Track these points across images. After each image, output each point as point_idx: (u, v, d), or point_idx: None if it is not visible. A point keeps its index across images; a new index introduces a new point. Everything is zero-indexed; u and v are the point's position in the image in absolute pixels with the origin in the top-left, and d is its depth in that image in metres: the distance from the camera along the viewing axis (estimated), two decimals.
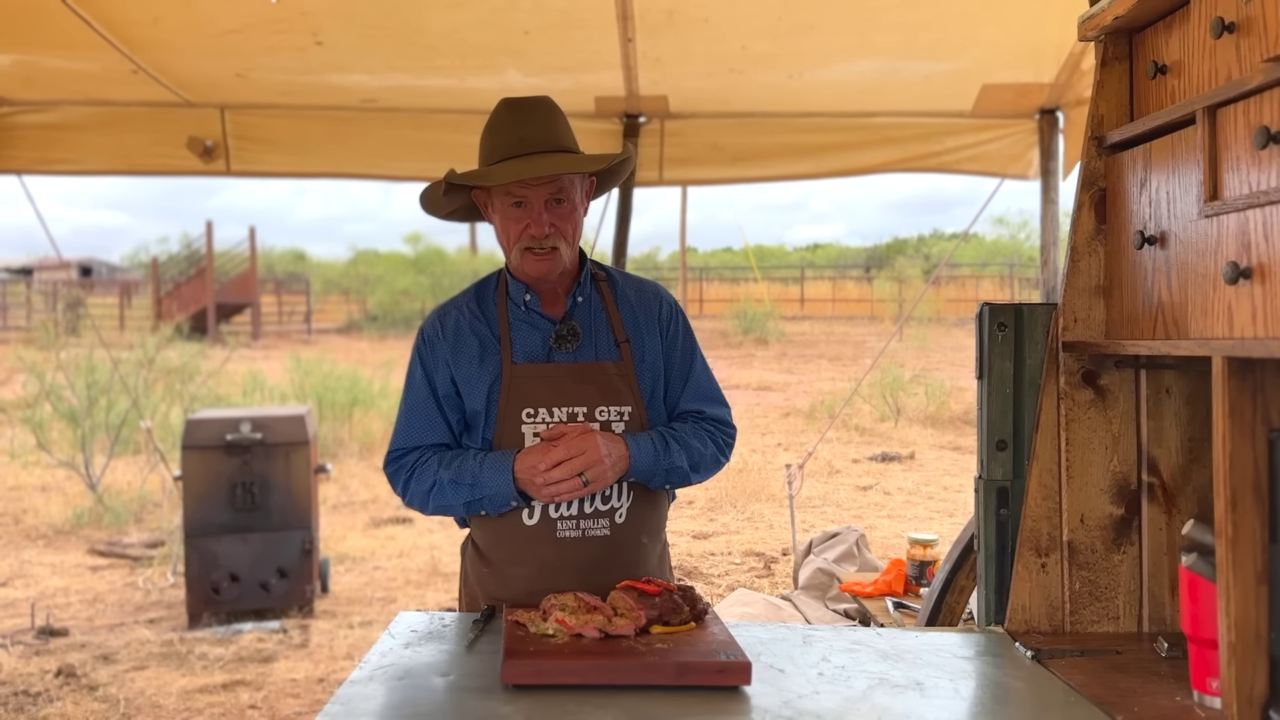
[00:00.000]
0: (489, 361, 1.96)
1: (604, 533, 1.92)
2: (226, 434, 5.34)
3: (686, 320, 2.09)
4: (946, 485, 9.28)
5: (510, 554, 1.95)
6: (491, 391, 1.94)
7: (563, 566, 1.89)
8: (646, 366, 1.99)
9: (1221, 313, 1.38)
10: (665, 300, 2.07)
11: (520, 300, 1.98)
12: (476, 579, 2.02)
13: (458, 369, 1.97)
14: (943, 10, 3.38)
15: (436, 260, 30.15)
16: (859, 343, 21.68)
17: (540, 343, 1.97)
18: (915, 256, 32.22)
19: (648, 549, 2.00)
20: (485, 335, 1.98)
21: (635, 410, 1.95)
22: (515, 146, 1.89)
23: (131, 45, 3.62)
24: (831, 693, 1.47)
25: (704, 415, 2.04)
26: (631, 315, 2.02)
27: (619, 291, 2.04)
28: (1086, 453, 1.77)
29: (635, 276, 2.12)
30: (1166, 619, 1.76)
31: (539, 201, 1.89)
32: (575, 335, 1.96)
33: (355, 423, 11.90)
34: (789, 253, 41.72)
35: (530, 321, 1.98)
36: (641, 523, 1.98)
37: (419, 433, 1.99)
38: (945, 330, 21.73)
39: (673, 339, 2.04)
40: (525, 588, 1.87)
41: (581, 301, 2.00)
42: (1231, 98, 1.36)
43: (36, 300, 27.77)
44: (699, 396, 2.05)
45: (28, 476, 9.74)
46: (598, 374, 1.95)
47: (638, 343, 2.00)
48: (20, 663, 4.77)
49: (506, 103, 1.97)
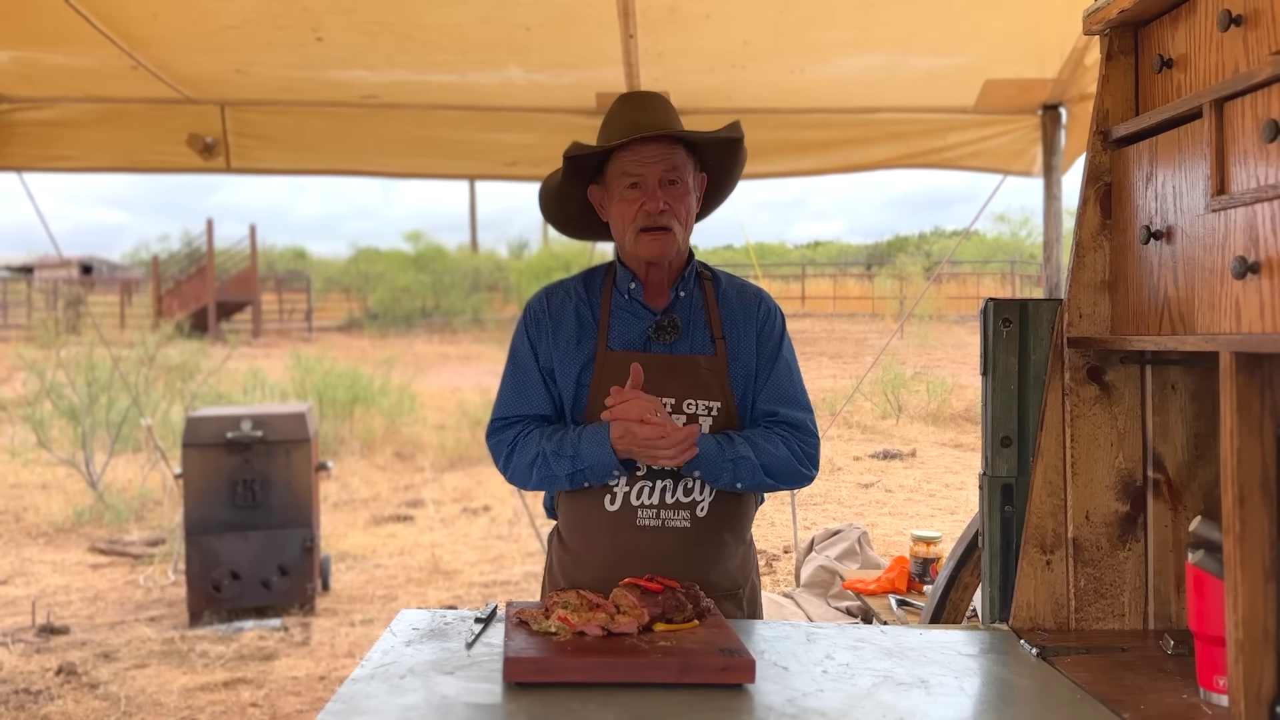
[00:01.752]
0: (585, 344, 1.98)
1: (684, 524, 1.93)
2: (227, 432, 5.34)
3: (784, 323, 2.10)
4: (948, 482, 9.27)
5: (589, 540, 1.97)
6: (583, 374, 1.97)
7: (639, 555, 1.90)
8: (740, 364, 2.00)
9: (1229, 308, 1.37)
10: (766, 302, 2.09)
11: (625, 289, 2.01)
12: (559, 565, 2.04)
13: (556, 346, 2.00)
14: (945, 5, 3.37)
15: (437, 258, 30.14)
16: (860, 340, 21.65)
17: (639, 332, 1.99)
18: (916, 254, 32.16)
19: (730, 548, 2.00)
20: (586, 318, 2.01)
21: (724, 406, 1.96)
22: (631, 130, 1.92)
23: (131, 41, 3.61)
24: (836, 690, 1.46)
25: (778, 417, 2.02)
26: (730, 314, 2.03)
27: (721, 290, 2.06)
28: (1092, 449, 1.76)
29: (740, 279, 2.14)
30: (1172, 616, 1.75)
31: (653, 180, 1.93)
32: (674, 327, 1.98)
33: (356, 420, 11.90)
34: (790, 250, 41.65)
35: (632, 311, 2.01)
36: (724, 520, 1.97)
37: (523, 402, 2.01)
38: (947, 327, 21.70)
39: (766, 338, 2.04)
40: (602, 574, 1.87)
41: (684, 296, 2.02)
42: (1239, 91, 1.35)
43: (37, 298, 27.77)
44: (776, 397, 2.03)
45: (28, 474, 9.74)
46: (689, 367, 1.96)
47: (734, 341, 2.01)
48: (21, 661, 4.77)
49: (624, 96, 2.03)
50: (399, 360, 16.06)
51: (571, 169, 1.99)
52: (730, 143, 2.01)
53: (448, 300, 27.70)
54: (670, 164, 1.94)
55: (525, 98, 4.15)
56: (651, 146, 1.93)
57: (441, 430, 12.00)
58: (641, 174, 1.93)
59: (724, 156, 2.05)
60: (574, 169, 1.99)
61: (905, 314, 20.82)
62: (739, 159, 2.07)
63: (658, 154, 1.93)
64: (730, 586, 1.99)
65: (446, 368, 18.09)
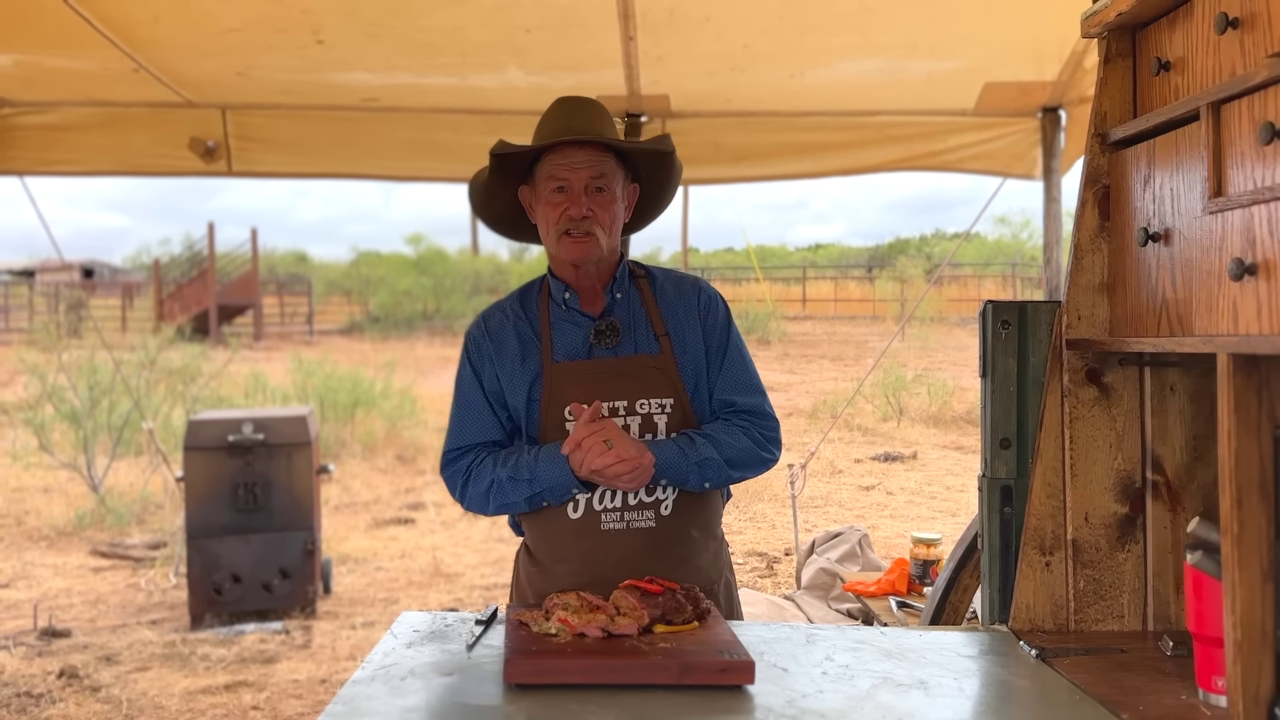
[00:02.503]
0: (530, 360, 1.98)
1: (649, 524, 1.92)
2: (228, 435, 5.34)
3: (727, 309, 2.09)
4: (949, 485, 9.27)
5: (556, 550, 1.96)
6: (533, 390, 1.97)
7: (607, 559, 1.90)
8: (689, 358, 2.00)
9: (1226, 309, 1.38)
10: (704, 290, 2.08)
11: (560, 299, 2.01)
12: (527, 579, 2.03)
13: (501, 368, 2.00)
14: (945, 9, 3.38)
15: (438, 261, 30.17)
16: (861, 342, 21.66)
17: (581, 340, 1.99)
18: (917, 256, 32.20)
19: (699, 544, 1.99)
20: (527, 335, 2.01)
21: (678, 402, 1.96)
22: (561, 133, 1.93)
23: (132, 44, 3.62)
24: (835, 692, 1.46)
25: (735, 406, 2.02)
26: (671, 308, 2.03)
27: (658, 287, 2.06)
28: (1090, 451, 1.77)
29: (675, 271, 2.14)
30: (1171, 617, 1.76)
31: (579, 185, 1.93)
32: (615, 331, 1.98)
33: (357, 424, 11.91)
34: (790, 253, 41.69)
35: (571, 320, 2.01)
36: (690, 516, 1.97)
37: (473, 431, 2.02)
38: (947, 330, 21.71)
39: (711, 327, 2.04)
40: (571, 582, 1.87)
41: (620, 298, 2.02)
42: (1236, 93, 1.35)
43: (38, 302, 27.78)
44: (731, 385, 2.04)
45: (30, 478, 9.75)
46: (637, 368, 1.96)
47: (678, 335, 2.01)
48: (23, 664, 4.77)
49: (559, 100, 2.03)
50: (400, 363, 16.07)
51: (501, 167, 1.98)
52: (662, 156, 2.01)
53: (449, 303, 27.73)
54: (597, 171, 1.94)
55: (526, 100, 4.15)
56: (580, 152, 1.92)
57: (442, 433, 11.95)
58: (568, 179, 1.93)
59: (657, 169, 2.05)
60: (504, 168, 1.99)
61: (906, 316, 20.85)
62: (672, 173, 2.07)
63: (585, 160, 1.93)
64: (704, 583, 1.97)
65: (447, 371, 18.00)
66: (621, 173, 2.00)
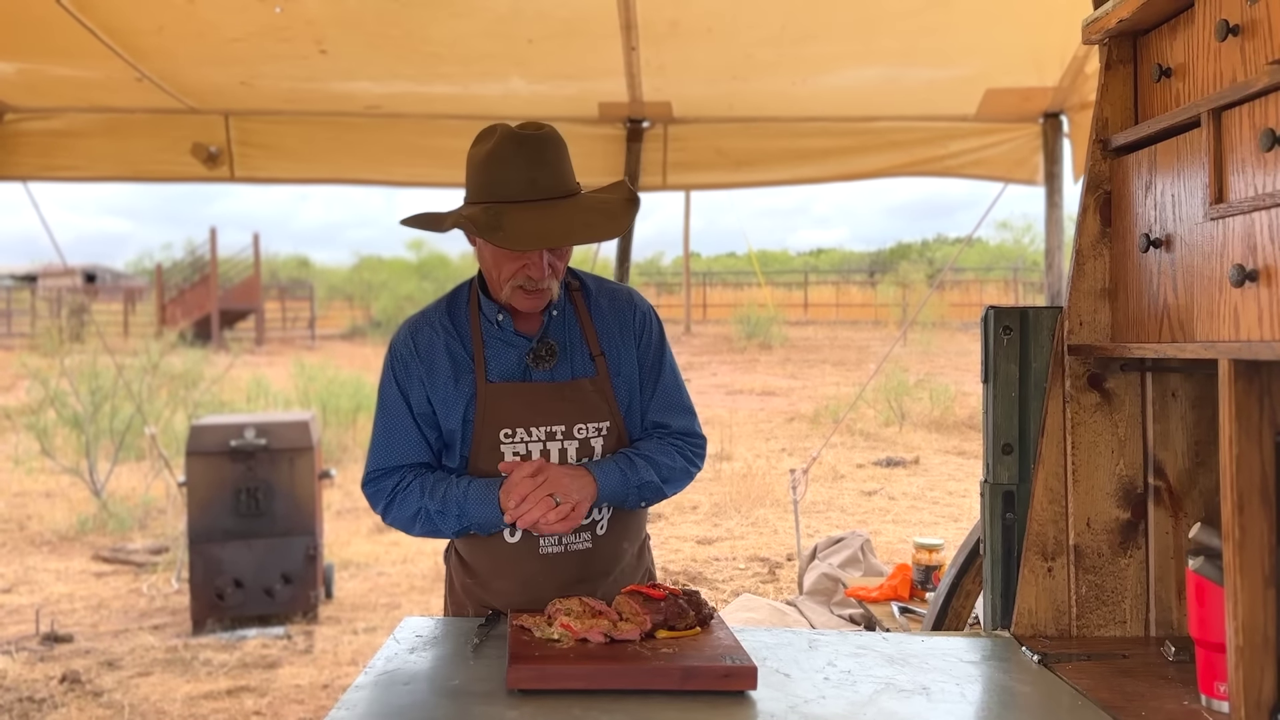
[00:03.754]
0: (463, 381, 1.91)
1: (585, 546, 1.93)
2: (231, 440, 5.34)
3: (660, 326, 2.06)
4: (951, 490, 9.26)
5: (493, 567, 1.94)
6: (467, 411, 1.91)
7: (545, 580, 1.89)
8: (623, 379, 1.97)
9: (1227, 315, 1.38)
10: (639, 308, 2.03)
11: (493, 319, 1.93)
12: (462, 587, 2.01)
13: (433, 389, 1.92)
14: (946, 15, 3.38)
15: (440, 266, 30.22)
16: (863, 347, 21.67)
17: (516, 361, 1.92)
18: (919, 261, 32.24)
19: (627, 552, 2.01)
20: (459, 353, 1.93)
21: (613, 425, 1.94)
22: (528, 190, 1.79)
23: (136, 54, 3.63)
24: (838, 697, 1.46)
25: (670, 429, 2.01)
26: (605, 326, 1.98)
27: (592, 301, 2.00)
28: (1092, 456, 1.77)
29: (609, 283, 2.07)
30: (1173, 623, 1.76)
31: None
32: (552, 353, 1.92)
33: (359, 428, 11.90)
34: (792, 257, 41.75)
35: (504, 339, 1.93)
36: (622, 531, 1.98)
37: (398, 453, 1.95)
38: (949, 335, 21.72)
39: (645, 348, 2.01)
40: (506, 600, 1.87)
41: (556, 315, 1.96)
42: (1236, 100, 1.36)
43: (41, 307, 27.83)
44: (665, 407, 2.02)
45: (32, 483, 9.76)
46: (574, 392, 1.92)
47: (613, 355, 1.97)
48: (25, 669, 4.77)
49: (513, 137, 1.83)
50: None
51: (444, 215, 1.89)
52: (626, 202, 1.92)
53: None
54: None
55: (527, 108, 4.17)
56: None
57: None
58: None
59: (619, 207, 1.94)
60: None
61: (908, 321, 20.85)
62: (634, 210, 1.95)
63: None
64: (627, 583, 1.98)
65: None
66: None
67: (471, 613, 1.96)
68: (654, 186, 4.34)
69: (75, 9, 3.25)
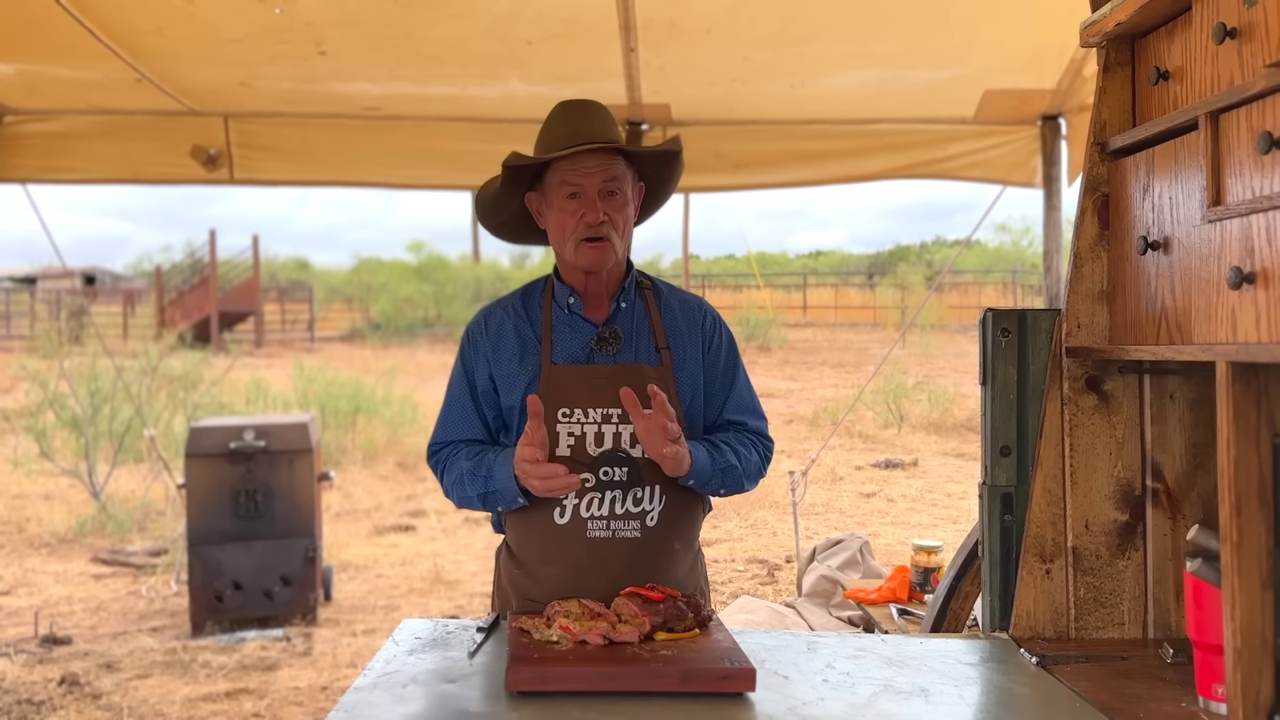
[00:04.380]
0: (528, 360, 1.99)
1: (634, 534, 1.93)
2: (230, 442, 5.34)
3: (731, 335, 2.11)
4: (950, 492, 9.26)
5: (540, 553, 1.96)
6: (529, 390, 1.96)
7: (592, 566, 1.90)
8: (687, 374, 2.01)
9: (1225, 318, 1.38)
10: (709, 313, 2.09)
11: (564, 303, 2.02)
12: (509, 580, 2.03)
13: (497, 366, 2.01)
14: (944, 18, 3.39)
15: (439, 268, 30.21)
16: (862, 349, 21.67)
17: (581, 345, 1.99)
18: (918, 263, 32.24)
19: (680, 556, 2.00)
20: (527, 335, 2.01)
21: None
22: (571, 138, 1.92)
23: (135, 54, 3.63)
24: (836, 699, 1.46)
25: (746, 427, 2.06)
26: (674, 324, 2.04)
27: (663, 301, 2.07)
28: (1090, 458, 1.77)
29: (680, 289, 2.15)
30: (1172, 625, 1.76)
31: (592, 190, 1.93)
32: (616, 339, 1.99)
33: (358, 430, 11.90)
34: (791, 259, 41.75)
35: (572, 325, 2.01)
36: (674, 528, 1.97)
37: (454, 428, 2.05)
38: (948, 337, 21.72)
39: (715, 351, 2.06)
40: (555, 587, 1.87)
41: (625, 307, 2.03)
42: (1234, 103, 1.36)
43: (40, 309, 27.83)
44: (741, 409, 2.07)
45: (31, 485, 9.75)
46: (635, 376, 1.95)
47: (679, 351, 2.02)
48: (24, 671, 4.77)
49: (562, 104, 2.02)
50: (401, 370, 16.07)
51: (509, 177, 1.99)
52: (669, 155, 2.03)
53: (450, 310, 27.75)
54: (610, 174, 1.94)
55: (526, 109, 4.17)
56: (591, 157, 1.92)
57: None
58: (581, 184, 1.93)
59: (662, 168, 2.06)
60: (511, 177, 1.99)
61: (907, 323, 20.86)
62: (676, 171, 2.08)
63: (597, 165, 1.92)
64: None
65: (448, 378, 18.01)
66: (630, 174, 2.01)
67: (515, 607, 1.97)
68: None
69: (75, 10, 3.25)
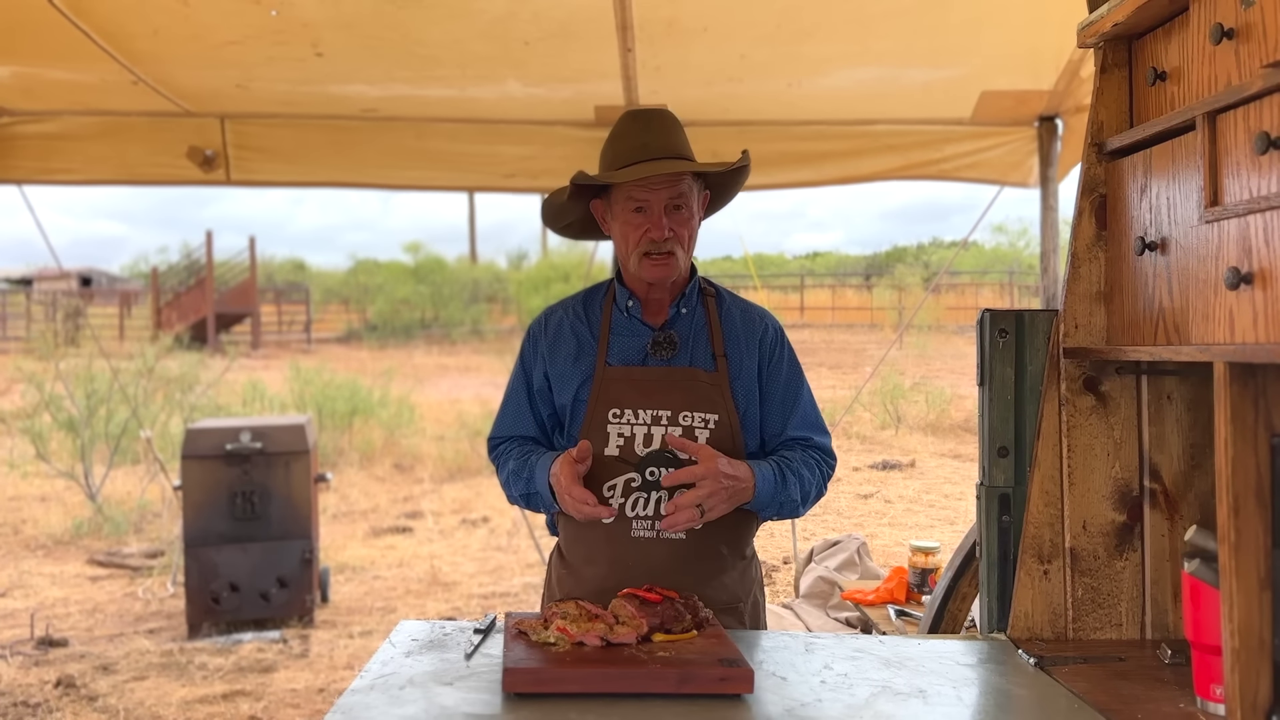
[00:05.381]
0: (583, 361, 2.01)
1: (679, 536, 1.93)
2: (226, 443, 5.33)
3: (791, 348, 2.10)
4: (947, 493, 9.26)
5: (586, 552, 1.98)
6: (581, 390, 1.99)
7: (636, 565, 1.91)
8: (742, 383, 2.00)
9: (1223, 318, 1.38)
10: (771, 325, 2.09)
11: (624, 306, 2.03)
12: (557, 580, 2.06)
13: (552, 365, 2.03)
14: (941, 18, 3.39)
15: (436, 269, 30.16)
16: (859, 350, 21.66)
17: (638, 349, 2.01)
18: (915, 264, 32.25)
19: (727, 561, 2.00)
20: (584, 336, 2.04)
21: (724, 419, 1.96)
22: (639, 152, 1.94)
23: (131, 57, 3.63)
24: (834, 700, 1.46)
25: (811, 443, 2.05)
26: (733, 332, 2.04)
27: (724, 309, 2.07)
28: (1088, 459, 1.77)
29: (745, 300, 2.14)
30: (1169, 625, 1.76)
31: (659, 206, 1.93)
32: (673, 344, 1.99)
33: (355, 432, 11.89)
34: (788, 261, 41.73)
35: (630, 329, 2.03)
36: (720, 533, 1.97)
37: (509, 424, 2.10)
38: (945, 338, 21.72)
39: (776, 364, 2.05)
40: (598, 585, 1.89)
41: (685, 313, 2.03)
42: (1231, 103, 1.36)
43: (36, 310, 27.77)
44: (807, 424, 2.06)
45: (27, 487, 9.73)
46: (688, 380, 1.96)
47: (736, 359, 2.01)
48: (20, 673, 4.76)
49: (630, 113, 2.03)
50: (398, 371, 16.05)
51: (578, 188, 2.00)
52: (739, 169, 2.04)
53: (447, 311, 27.73)
54: (676, 190, 1.93)
55: (523, 110, 4.17)
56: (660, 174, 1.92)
57: (440, 441, 11.99)
58: (647, 199, 1.93)
59: (728, 177, 2.07)
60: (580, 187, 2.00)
61: (904, 324, 20.86)
62: (742, 179, 2.10)
63: (664, 181, 1.92)
64: (729, 600, 1.99)
65: (445, 379, 18.08)
66: (697, 186, 2.01)
67: None
68: None
69: (70, 12, 3.24)
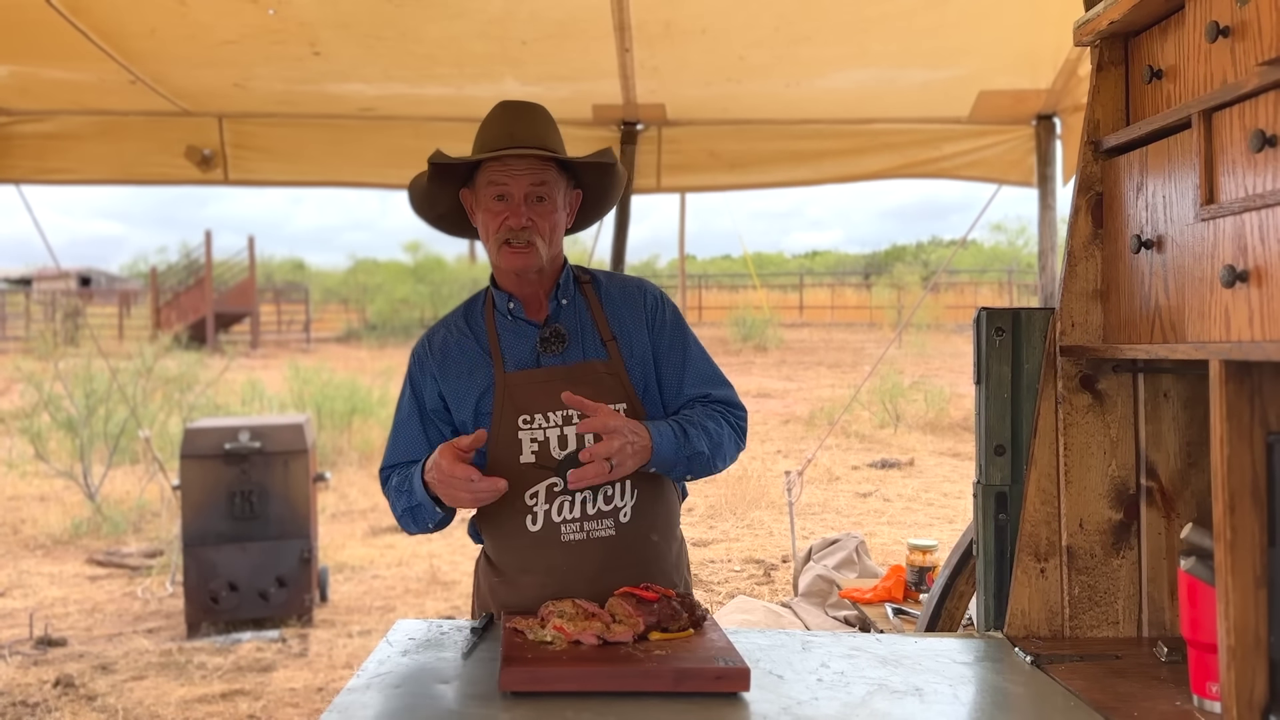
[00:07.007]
0: (478, 374, 1.96)
1: (609, 533, 1.91)
2: (225, 443, 5.33)
3: (675, 308, 2.07)
4: (946, 491, 9.27)
5: (519, 561, 1.94)
6: (481, 402, 1.95)
7: (570, 570, 1.88)
8: (636, 361, 1.99)
9: (1219, 316, 1.38)
10: (650, 292, 2.06)
11: (505, 309, 2.00)
12: (489, 589, 2.01)
13: (445, 382, 1.99)
14: (939, 18, 3.39)
15: (435, 269, 30.16)
16: (858, 349, 21.68)
17: (529, 349, 1.97)
18: (914, 263, 32.30)
19: (660, 547, 1.98)
20: (472, 349, 1.99)
21: (629, 407, 1.94)
22: (504, 140, 1.91)
23: (129, 56, 3.63)
24: (830, 699, 1.46)
25: (711, 398, 2.02)
26: (616, 312, 2.01)
27: (603, 291, 2.04)
28: (1085, 457, 1.77)
29: (621, 275, 2.13)
30: (1166, 623, 1.76)
31: (520, 194, 1.91)
32: (560, 338, 1.97)
33: (354, 431, 11.88)
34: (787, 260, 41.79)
35: (516, 330, 1.99)
36: (649, 521, 1.95)
37: (401, 450, 2.03)
38: (944, 336, 21.74)
39: (660, 327, 2.02)
40: (535, 594, 1.85)
41: (565, 304, 2.00)
42: (1227, 101, 1.36)
43: (35, 310, 27.79)
44: (701, 380, 2.03)
45: (26, 486, 9.73)
46: (587, 373, 1.94)
47: (625, 339, 1.99)
48: (18, 673, 4.76)
49: (502, 104, 2.00)
50: (397, 371, 15.98)
51: (440, 172, 1.97)
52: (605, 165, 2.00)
53: (446, 310, 27.61)
54: (538, 179, 1.91)
55: None
56: (520, 160, 1.90)
57: None
58: (508, 186, 1.91)
59: (600, 177, 2.04)
60: (443, 172, 1.97)
61: (903, 323, 20.87)
62: (615, 181, 2.06)
63: (526, 168, 1.90)
64: (668, 586, 1.96)
65: None
66: (564, 180, 1.98)
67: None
68: (648, 189, 4.34)
69: (68, 11, 3.24)
